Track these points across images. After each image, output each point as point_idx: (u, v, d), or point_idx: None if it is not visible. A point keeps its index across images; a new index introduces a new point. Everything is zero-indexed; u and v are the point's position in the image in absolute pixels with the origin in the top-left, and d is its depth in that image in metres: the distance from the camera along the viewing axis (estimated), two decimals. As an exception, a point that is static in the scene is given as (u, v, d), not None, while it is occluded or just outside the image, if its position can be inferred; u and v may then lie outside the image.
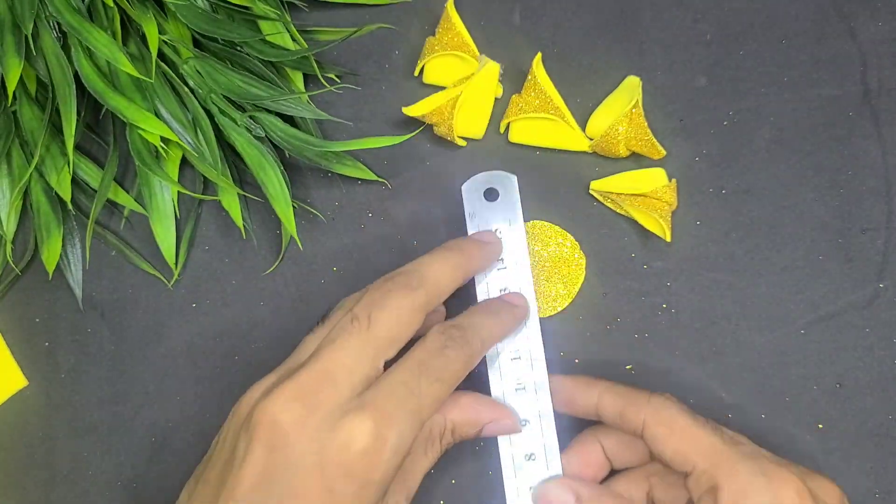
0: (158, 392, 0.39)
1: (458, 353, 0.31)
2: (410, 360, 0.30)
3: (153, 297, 0.40)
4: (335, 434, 0.28)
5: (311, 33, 0.40)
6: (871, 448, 0.36)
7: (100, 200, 0.36)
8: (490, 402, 0.34)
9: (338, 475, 0.28)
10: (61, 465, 0.39)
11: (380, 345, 0.30)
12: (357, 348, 0.29)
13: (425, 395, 0.30)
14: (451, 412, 0.33)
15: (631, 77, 0.39)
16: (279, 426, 0.28)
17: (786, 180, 0.38)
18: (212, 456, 0.31)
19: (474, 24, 0.40)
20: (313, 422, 0.28)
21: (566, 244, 0.38)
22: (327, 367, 0.29)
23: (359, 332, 0.30)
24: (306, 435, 0.28)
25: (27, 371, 0.40)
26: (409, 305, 0.31)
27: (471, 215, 0.36)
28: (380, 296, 0.31)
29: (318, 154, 0.37)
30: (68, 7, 0.35)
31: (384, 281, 0.32)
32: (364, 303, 0.31)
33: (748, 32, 0.39)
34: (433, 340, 0.31)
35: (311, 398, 0.28)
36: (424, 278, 0.32)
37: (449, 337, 0.31)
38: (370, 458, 0.28)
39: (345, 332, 0.30)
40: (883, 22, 0.39)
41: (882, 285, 0.37)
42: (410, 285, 0.31)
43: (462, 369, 0.31)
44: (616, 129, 0.37)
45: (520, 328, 0.35)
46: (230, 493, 0.28)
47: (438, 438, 0.32)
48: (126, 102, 0.35)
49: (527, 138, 0.39)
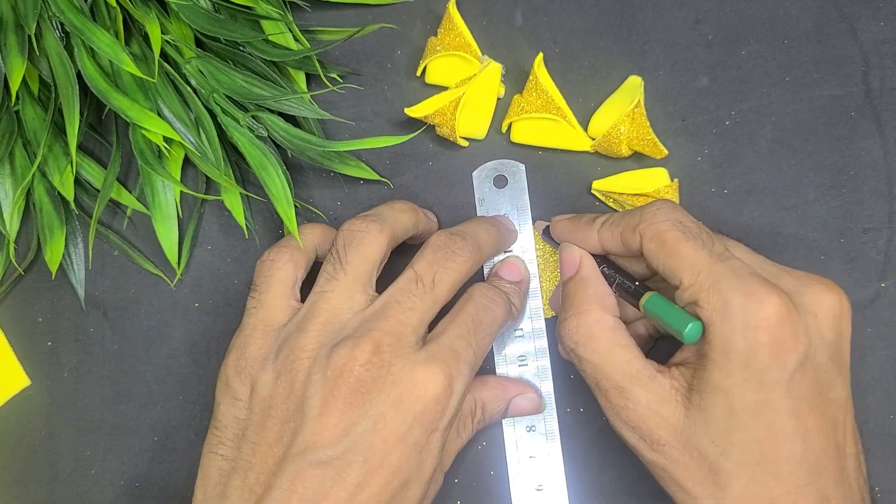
0: (161, 391, 0.39)
1: (501, 307, 0.34)
2: (465, 315, 0.33)
3: (156, 296, 0.40)
4: (411, 384, 0.30)
5: (313, 33, 0.40)
6: (871, 448, 0.37)
7: (102, 200, 0.36)
8: (515, 379, 0.37)
9: (413, 421, 0.30)
10: (64, 465, 0.39)
11: (438, 305, 0.33)
12: (422, 310, 0.32)
13: (479, 347, 0.32)
14: (480, 391, 0.35)
15: (633, 77, 0.39)
16: (364, 380, 0.30)
17: (787, 180, 0.38)
18: (248, 419, 0.32)
19: (476, 25, 0.40)
20: (393, 374, 0.30)
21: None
22: (396, 328, 0.31)
23: (423, 294, 0.32)
24: (385, 387, 0.30)
25: (30, 370, 0.40)
26: (466, 272, 0.33)
27: (480, 201, 0.39)
28: (443, 257, 0.33)
29: (320, 154, 0.37)
30: (71, 7, 0.35)
31: (448, 238, 0.33)
32: (427, 263, 0.33)
33: (750, 33, 0.39)
34: (482, 296, 0.34)
35: (386, 354, 0.30)
36: (480, 247, 0.34)
37: (496, 292, 0.34)
38: (441, 404, 0.30)
39: (410, 295, 0.32)
40: (885, 22, 0.39)
41: (884, 285, 0.37)
42: (471, 249, 0.33)
43: (504, 321, 0.34)
44: (618, 129, 0.37)
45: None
46: (307, 446, 0.30)
47: (470, 417, 0.34)
48: (129, 102, 0.35)
49: (528, 138, 0.39)
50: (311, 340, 0.32)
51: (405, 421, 0.30)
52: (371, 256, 0.33)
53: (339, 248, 0.33)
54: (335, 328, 0.32)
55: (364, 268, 0.33)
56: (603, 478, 0.37)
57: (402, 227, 0.35)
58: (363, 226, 0.33)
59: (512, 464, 0.37)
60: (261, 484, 0.30)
